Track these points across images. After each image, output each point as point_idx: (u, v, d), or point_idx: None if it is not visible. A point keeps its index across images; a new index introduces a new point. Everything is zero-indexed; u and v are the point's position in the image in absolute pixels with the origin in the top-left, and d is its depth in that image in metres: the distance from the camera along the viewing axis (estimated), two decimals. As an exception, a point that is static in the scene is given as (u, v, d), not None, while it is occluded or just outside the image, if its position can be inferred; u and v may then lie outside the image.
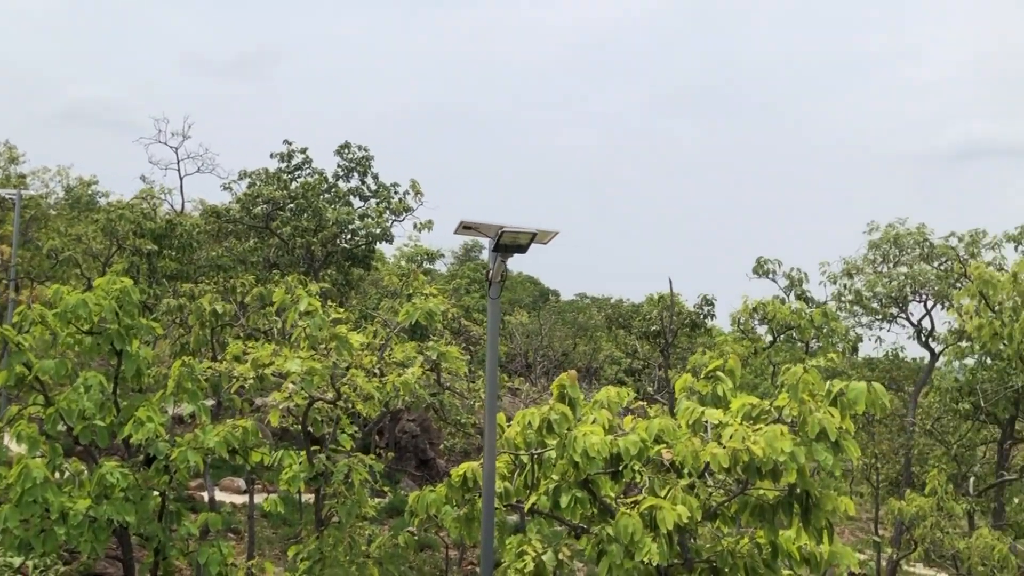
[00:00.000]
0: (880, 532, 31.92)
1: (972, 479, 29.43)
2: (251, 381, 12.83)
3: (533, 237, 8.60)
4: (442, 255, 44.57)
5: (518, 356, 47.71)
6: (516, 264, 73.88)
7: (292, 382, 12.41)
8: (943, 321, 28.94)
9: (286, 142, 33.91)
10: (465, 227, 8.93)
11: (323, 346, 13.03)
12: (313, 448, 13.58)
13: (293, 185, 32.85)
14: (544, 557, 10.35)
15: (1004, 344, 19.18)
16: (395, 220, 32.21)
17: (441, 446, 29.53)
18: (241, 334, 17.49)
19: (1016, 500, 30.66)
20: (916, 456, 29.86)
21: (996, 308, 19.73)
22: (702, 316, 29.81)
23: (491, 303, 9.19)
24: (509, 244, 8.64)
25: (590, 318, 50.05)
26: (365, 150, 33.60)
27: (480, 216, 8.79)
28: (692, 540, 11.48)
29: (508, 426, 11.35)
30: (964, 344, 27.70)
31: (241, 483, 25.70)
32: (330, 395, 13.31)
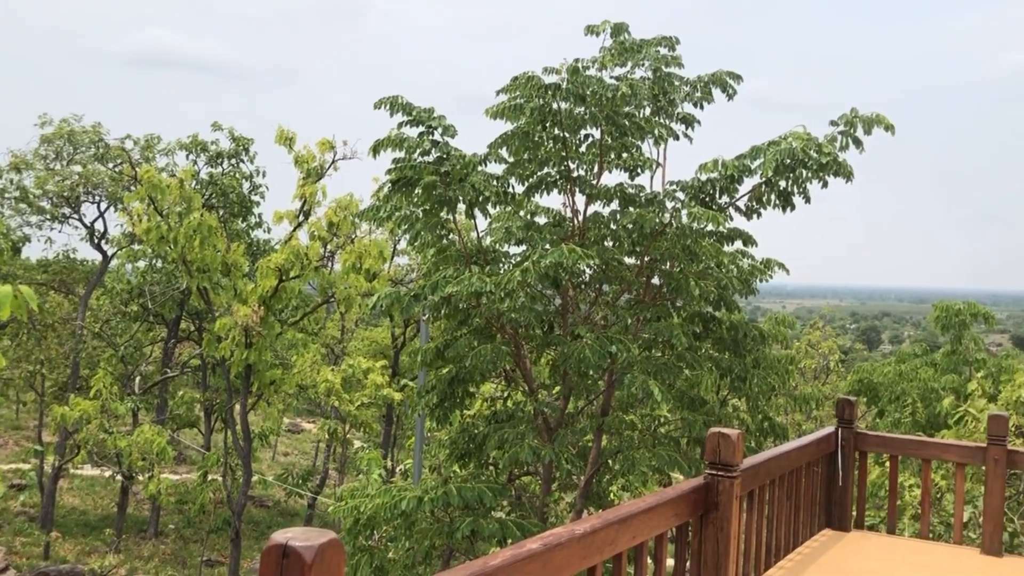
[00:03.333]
0: (45, 439, 30.82)
1: (139, 378, 30.39)
2: None
3: None
4: None
5: None
6: None
7: None
8: (116, 223, 28.74)
9: None
10: None
11: None
12: None
13: None
14: None
15: (170, 247, 19.94)
16: None
17: None
18: None
19: (180, 393, 32.68)
20: (86, 359, 29.44)
21: (165, 212, 20.34)
22: None
23: None
24: None
25: None
26: None
27: None
28: None
29: None
30: (136, 247, 28.04)
31: None
32: None
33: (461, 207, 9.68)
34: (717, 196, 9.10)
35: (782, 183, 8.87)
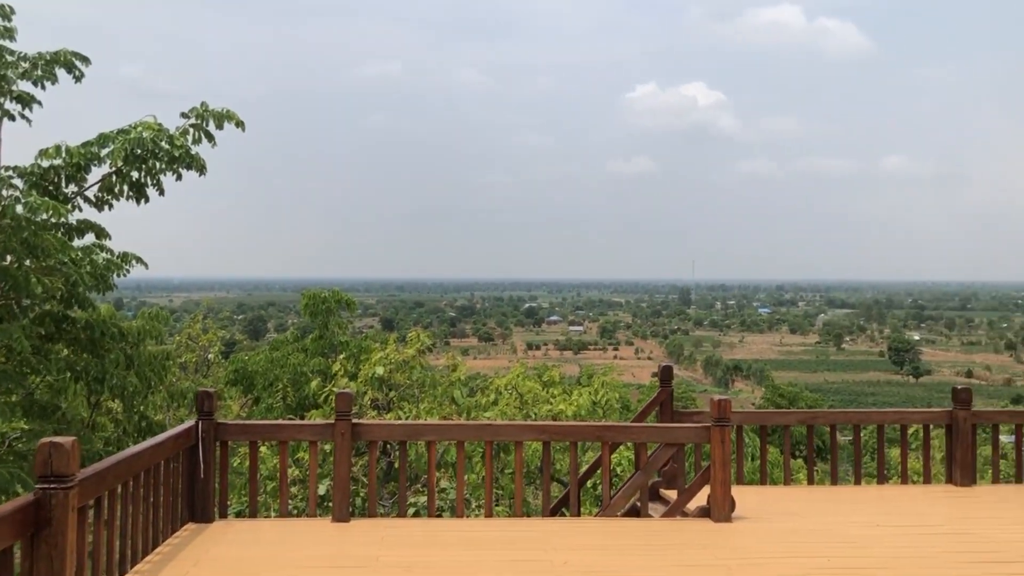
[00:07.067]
0: None
1: None
2: None
3: None
4: None
5: None
6: None
7: None
8: None
9: None
10: None
11: None
12: None
13: None
14: None
15: None
16: None
17: None
18: None
19: None
20: None
21: None
22: None
23: None
24: None
25: None
26: None
27: None
28: None
29: None
30: None
31: None
32: None
33: None
34: (63, 185, 8.39)
35: (135, 174, 8.52)
